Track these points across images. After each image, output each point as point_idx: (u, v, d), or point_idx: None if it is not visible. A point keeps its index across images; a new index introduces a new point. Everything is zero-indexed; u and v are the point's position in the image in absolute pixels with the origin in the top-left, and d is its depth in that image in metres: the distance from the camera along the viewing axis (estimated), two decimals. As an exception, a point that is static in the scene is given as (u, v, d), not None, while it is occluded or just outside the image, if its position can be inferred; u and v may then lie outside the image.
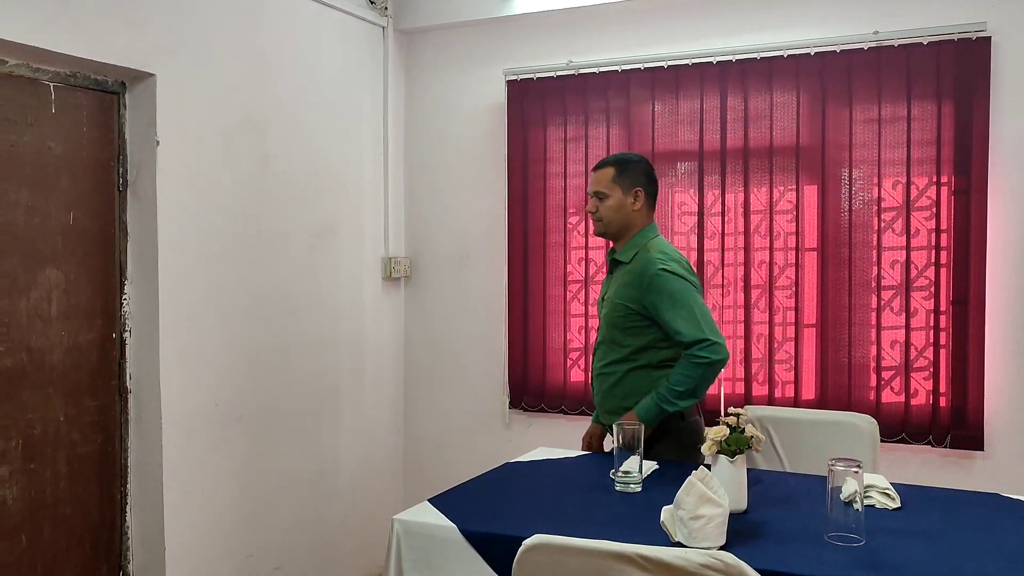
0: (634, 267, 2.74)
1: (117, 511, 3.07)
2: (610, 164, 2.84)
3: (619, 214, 2.80)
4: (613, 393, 2.80)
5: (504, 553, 1.84)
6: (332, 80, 3.92)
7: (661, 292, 2.66)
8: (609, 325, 2.80)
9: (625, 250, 2.82)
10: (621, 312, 2.75)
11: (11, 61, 2.68)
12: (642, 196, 2.82)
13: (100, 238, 3.00)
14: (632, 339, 2.75)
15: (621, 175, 2.81)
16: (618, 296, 2.77)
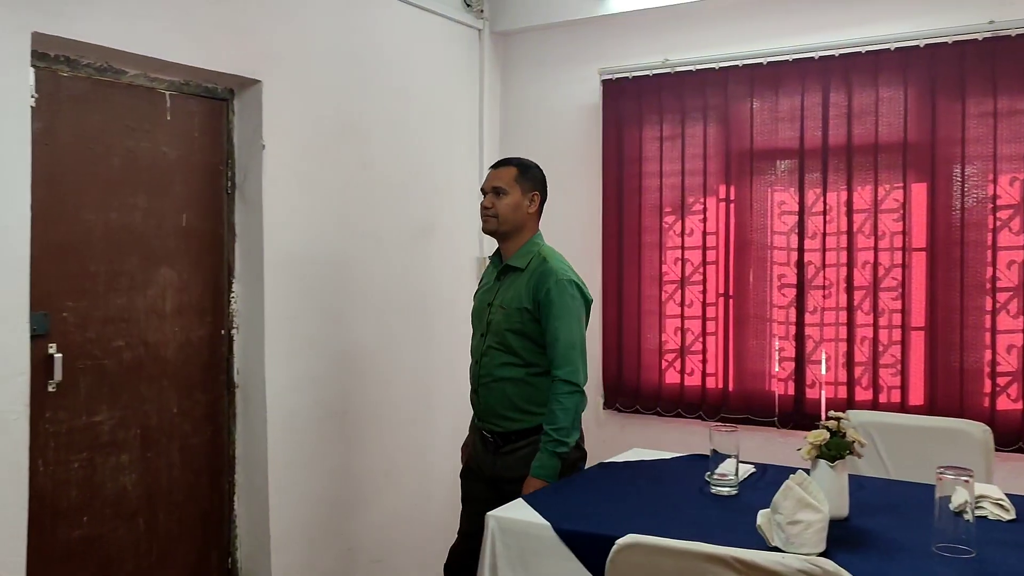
0: (533, 273, 2.71)
1: (225, 500, 3.20)
2: (512, 164, 2.82)
3: (515, 214, 2.77)
4: (510, 400, 2.72)
5: (597, 552, 1.84)
6: (430, 83, 3.99)
7: (555, 302, 2.65)
8: (504, 331, 2.71)
9: (518, 256, 2.77)
10: (518, 318, 2.69)
11: (131, 72, 2.84)
12: (538, 200, 2.83)
13: (210, 239, 3.14)
14: (531, 344, 2.70)
15: (523, 176, 2.80)
16: (515, 302, 2.71)
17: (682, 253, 3.93)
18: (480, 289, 2.92)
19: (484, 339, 2.78)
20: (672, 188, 3.95)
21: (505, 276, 2.79)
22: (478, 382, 2.80)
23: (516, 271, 2.76)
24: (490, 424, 2.77)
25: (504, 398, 2.72)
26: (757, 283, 3.78)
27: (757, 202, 3.77)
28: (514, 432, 2.71)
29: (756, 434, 3.64)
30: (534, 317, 2.68)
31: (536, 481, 2.57)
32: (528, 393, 2.70)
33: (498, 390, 2.73)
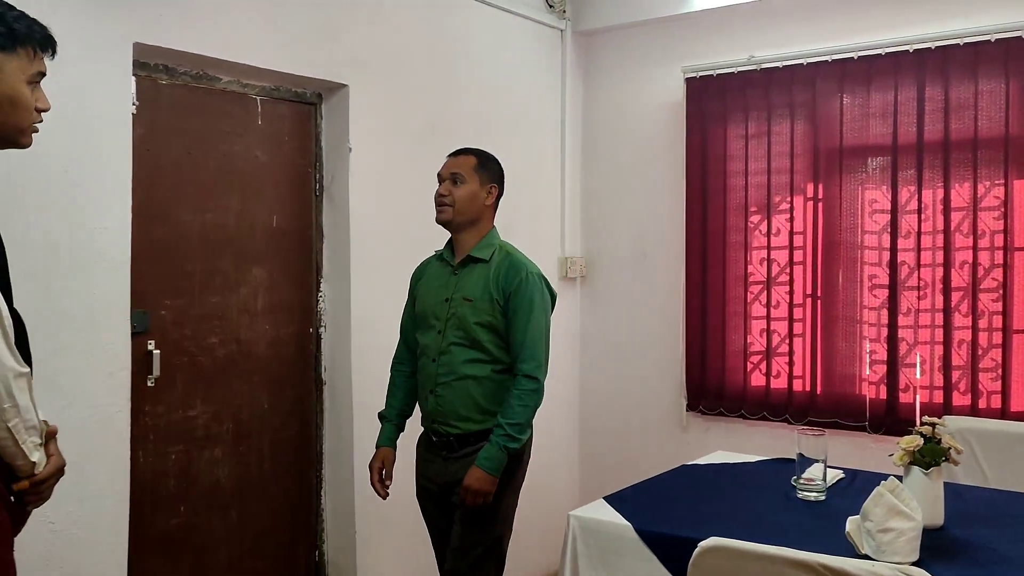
0: (499, 265, 2.60)
1: (313, 494, 3.29)
2: (472, 153, 2.69)
3: (471, 204, 2.63)
4: (473, 399, 2.56)
5: (679, 554, 1.83)
6: (512, 84, 4.01)
7: (525, 296, 2.55)
8: (472, 325, 2.56)
9: (481, 248, 2.64)
10: (488, 309, 2.55)
11: (225, 78, 2.94)
12: (495, 193, 2.70)
13: (299, 239, 3.23)
14: (497, 339, 2.57)
15: (482, 167, 2.66)
16: (483, 293, 2.57)
17: (768, 253, 3.85)
18: (425, 284, 2.74)
19: (442, 335, 2.60)
20: (758, 187, 3.88)
21: (463, 268, 2.64)
22: (435, 382, 2.60)
23: (479, 262, 2.62)
24: (446, 426, 2.60)
25: (467, 398, 2.57)
26: (847, 284, 3.67)
27: (847, 201, 3.67)
28: (473, 434, 2.57)
29: (845, 439, 3.54)
30: (502, 310, 2.56)
31: (478, 471, 2.46)
32: (492, 392, 2.57)
33: (461, 389, 2.57)
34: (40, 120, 1.72)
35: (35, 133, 1.72)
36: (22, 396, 1.58)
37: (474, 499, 2.47)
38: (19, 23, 1.67)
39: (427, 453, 2.69)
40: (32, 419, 1.61)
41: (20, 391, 1.58)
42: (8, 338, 1.58)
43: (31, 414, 1.61)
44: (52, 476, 1.69)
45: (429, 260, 2.81)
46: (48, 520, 2.36)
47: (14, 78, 1.65)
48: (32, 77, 1.68)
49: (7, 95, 1.64)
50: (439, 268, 2.73)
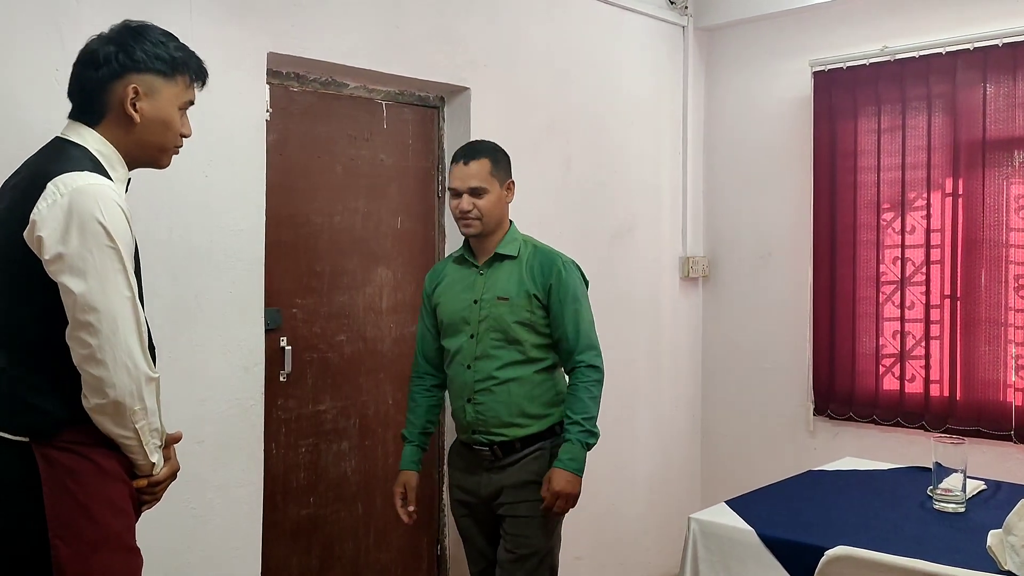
0: (530, 259, 2.52)
1: (436, 489, 3.36)
2: (483, 155, 2.51)
3: (497, 210, 2.52)
4: (518, 404, 2.46)
5: (804, 562, 1.78)
6: (632, 82, 3.98)
7: (568, 287, 2.48)
8: (511, 324, 2.45)
9: (506, 244, 2.54)
10: (527, 306, 2.46)
11: (352, 84, 3.05)
12: (513, 188, 2.60)
13: (422, 240, 3.31)
14: (538, 337, 2.48)
15: (497, 166, 2.52)
16: (520, 289, 2.47)
17: (902, 252, 3.68)
18: (446, 289, 2.60)
19: (476, 339, 2.49)
20: (891, 183, 3.71)
21: (490, 267, 2.54)
22: (473, 390, 2.48)
23: (508, 259, 2.53)
24: (490, 435, 2.48)
25: (511, 402, 2.46)
26: (990, 284, 3.46)
27: (990, 196, 3.46)
28: (520, 439, 2.47)
29: (988, 448, 3.34)
30: (542, 304, 2.48)
31: (566, 474, 2.37)
32: (536, 394, 2.48)
33: (503, 394, 2.46)
34: (181, 144, 1.85)
35: (175, 155, 1.85)
36: (151, 400, 1.67)
37: (565, 504, 2.40)
38: (179, 52, 1.82)
39: (465, 464, 2.57)
40: (156, 422, 1.70)
41: (149, 395, 1.66)
42: (143, 343, 1.65)
43: (156, 417, 1.70)
44: (167, 479, 1.78)
45: (445, 263, 2.69)
46: (191, 506, 2.50)
47: (169, 103, 1.78)
48: (184, 104, 1.82)
49: (161, 118, 1.77)
50: (460, 271, 2.60)
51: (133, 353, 1.62)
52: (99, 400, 1.60)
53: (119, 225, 1.63)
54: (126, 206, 1.67)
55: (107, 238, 1.61)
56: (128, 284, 1.63)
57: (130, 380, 1.61)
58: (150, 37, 1.79)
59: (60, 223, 1.59)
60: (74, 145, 1.72)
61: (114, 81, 1.74)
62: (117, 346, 1.60)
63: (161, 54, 1.78)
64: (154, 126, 1.78)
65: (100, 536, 1.63)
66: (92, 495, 1.62)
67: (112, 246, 1.61)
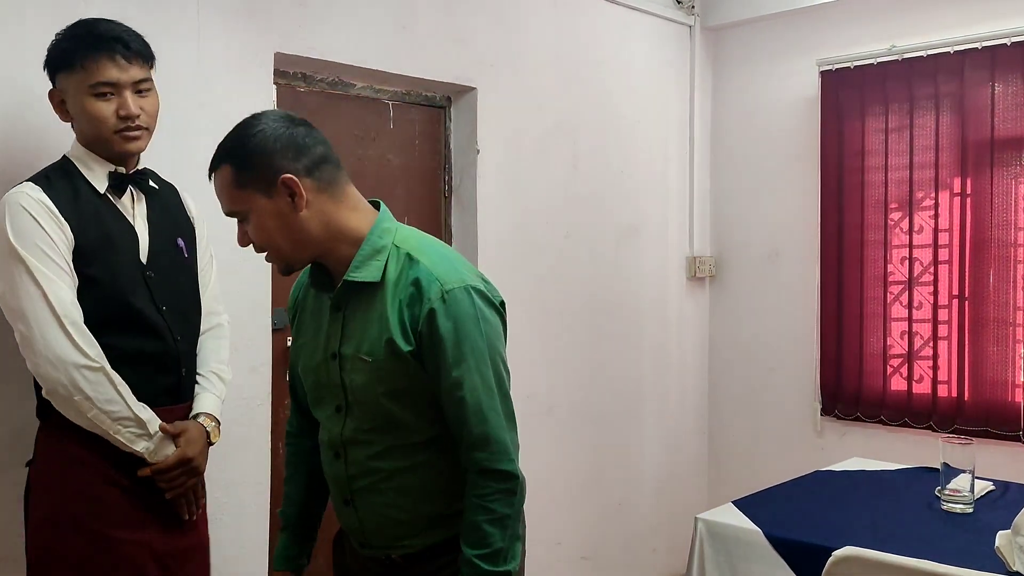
0: (397, 283, 1.55)
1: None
2: (222, 162, 1.56)
3: (288, 230, 1.55)
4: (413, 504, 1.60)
5: (811, 563, 1.77)
6: (639, 81, 3.98)
7: (448, 334, 1.51)
8: (379, 399, 1.55)
9: (360, 261, 1.56)
10: (393, 367, 1.53)
11: (359, 84, 3.05)
12: (294, 186, 1.53)
13: (429, 240, 3.31)
14: (424, 405, 1.57)
15: (242, 173, 1.54)
16: (380, 342, 1.53)
17: (910, 252, 3.67)
18: (304, 326, 1.69)
19: (343, 415, 1.61)
20: (898, 183, 3.70)
21: (347, 299, 1.59)
22: (349, 488, 1.63)
23: (366, 288, 1.57)
24: (384, 548, 1.64)
25: (402, 504, 1.60)
26: (999, 284, 3.45)
27: (998, 196, 3.45)
28: (428, 549, 1.62)
29: (996, 449, 3.33)
30: (416, 356, 1.53)
31: None
32: (439, 484, 1.61)
33: (389, 494, 1.60)
34: (127, 126, 1.83)
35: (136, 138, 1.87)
36: (93, 389, 1.70)
37: None
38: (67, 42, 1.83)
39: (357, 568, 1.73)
40: (118, 410, 1.73)
41: (89, 383, 1.70)
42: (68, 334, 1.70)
43: (117, 406, 1.73)
44: (173, 467, 1.81)
45: (307, 280, 1.72)
46: (197, 505, 2.51)
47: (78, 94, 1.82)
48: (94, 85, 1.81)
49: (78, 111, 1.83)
50: (315, 299, 1.68)
51: (53, 345, 1.68)
52: (44, 389, 1.73)
53: (22, 227, 1.71)
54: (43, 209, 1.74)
55: (8, 244, 1.71)
56: (35, 283, 1.69)
57: (56, 372, 1.68)
58: (51, 44, 1.85)
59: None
60: (62, 157, 1.88)
61: (50, 92, 1.88)
62: (35, 341, 1.69)
63: (52, 55, 1.83)
64: (81, 122, 1.84)
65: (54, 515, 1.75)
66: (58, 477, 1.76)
67: (15, 250, 1.70)
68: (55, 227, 1.75)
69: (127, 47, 1.83)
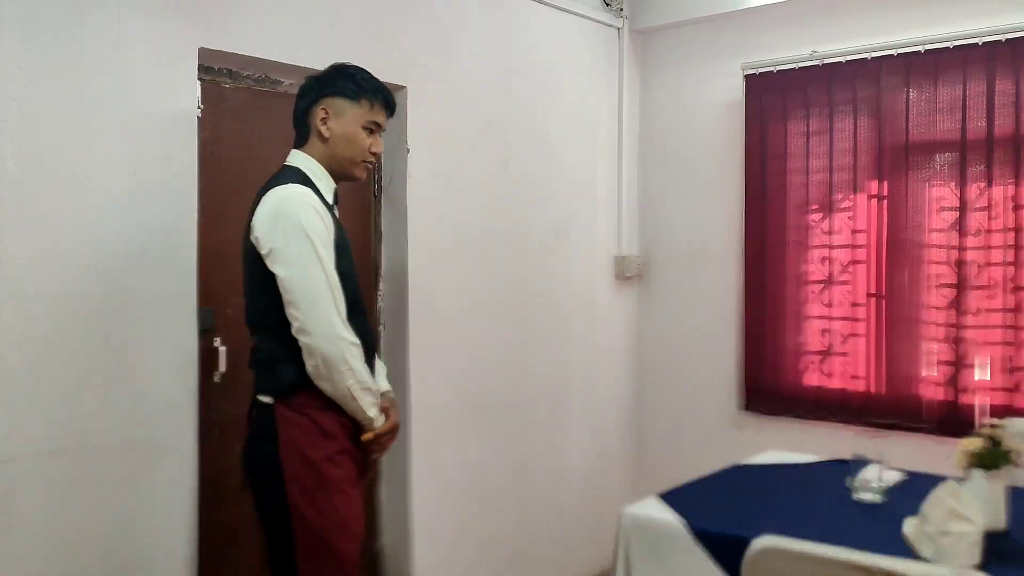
0: None
1: (368, 487, 3.34)
2: None
3: None
4: None
5: (733, 553, 1.83)
6: (569, 83, 4.02)
7: None
8: None
9: None
10: None
11: (287, 81, 3.01)
12: None
13: (359, 240, 3.28)
14: None
15: None
16: None
17: (828, 252, 3.79)
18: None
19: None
20: (819, 185, 3.82)
21: None
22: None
23: None
24: None
25: None
26: (911, 283, 3.60)
27: (912, 199, 3.59)
28: None
29: (905, 440, 3.48)
30: None
31: None
32: None
33: None
34: (371, 160, 2.26)
35: (365, 170, 2.27)
36: (355, 361, 2.04)
37: None
38: (364, 81, 2.23)
39: None
40: (366, 381, 2.07)
41: (353, 356, 2.03)
42: (341, 314, 2.04)
43: (364, 376, 2.07)
44: (389, 432, 2.16)
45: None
46: (122, 509, 2.46)
47: (353, 121, 2.20)
48: (368, 123, 2.22)
49: (346, 134, 2.20)
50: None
51: (331, 322, 2.01)
52: (312, 362, 2.00)
53: (312, 221, 2.05)
54: (320, 207, 2.09)
55: (303, 232, 2.03)
56: (322, 268, 2.03)
57: (332, 347, 2.00)
58: (343, 72, 2.26)
59: (268, 224, 2.05)
60: (289, 168, 2.21)
61: (311, 107, 2.22)
62: (316, 316, 2.00)
63: (347, 83, 2.22)
64: (341, 142, 2.21)
65: (320, 482, 2.04)
66: (314, 449, 2.04)
67: (306, 237, 2.02)
68: (328, 225, 2.10)
69: (393, 102, 2.30)
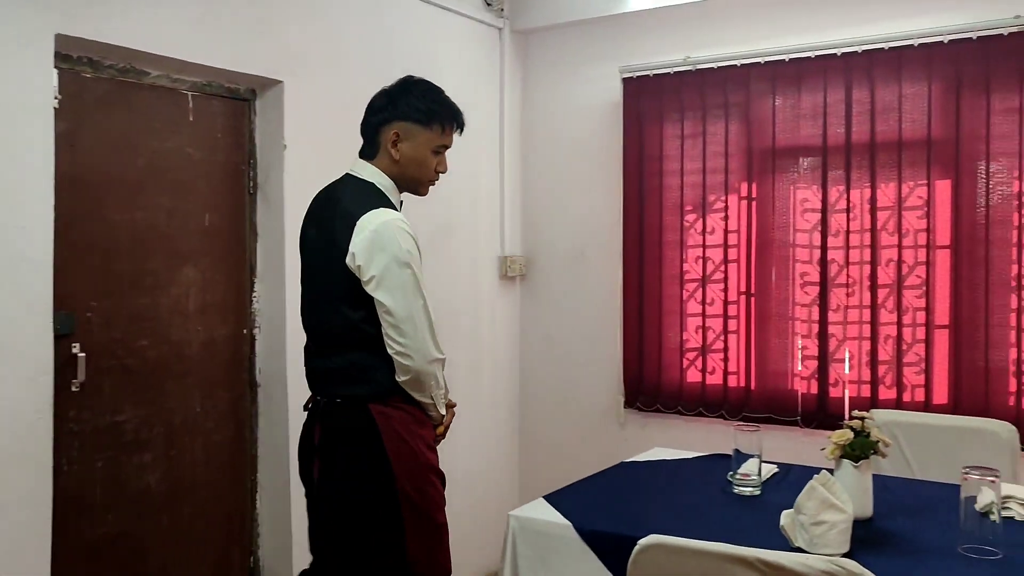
0: None
1: (248, 498, 3.22)
2: None
3: None
4: None
5: (619, 552, 1.84)
6: (451, 82, 3.95)
7: None
8: None
9: None
10: None
11: (153, 72, 2.86)
12: None
13: (233, 238, 3.16)
14: None
15: None
16: None
17: (703, 252, 3.91)
18: None
19: None
20: (693, 186, 3.93)
21: None
22: None
23: None
24: None
25: None
26: (779, 281, 3.75)
27: (779, 200, 3.75)
28: None
29: (779, 433, 3.62)
30: None
31: None
32: None
33: None
34: (436, 179, 2.42)
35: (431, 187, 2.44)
36: (441, 376, 2.29)
37: None
38: (436, 105, 2.37)
39: None
40: (444, 388, 2.33)
41: (440, 373, 2.28)
42: (434, 335, 2.25)
43: (444, 384, 2.32)
44: (448, 424, 2.40)
45: None
46: (-33, 532, 2.26)
47: (424, 146, 2.34)
48: (438, 147, 2.37)
49: (416, 158, 2.34)
50: None
51: (428, 345, 2.22)
52: (405, 377, 2.22)
53: (412, 249, 2.23)
54: (412, 230, 2.26)
55: (403, 260, 2.20)
56: (420, 293, 2.24)
57: (427, 366, 2.22)
58: (415, 91, 2.38)
59: (370, 253, 2.19)
60: (363, 182, 2.34)
61: (383, 126, 2.35)
62: (417, 341, 2.20)
63: (419, 106, 2.34)
64: (411, 164, 2.35)
65: (420, 463, 2.24)
66: (412, 435, 2.24)
67: (407, 265, 2.21)
68: (418, 246, 2.29)
69: (464, 122, 2.45)
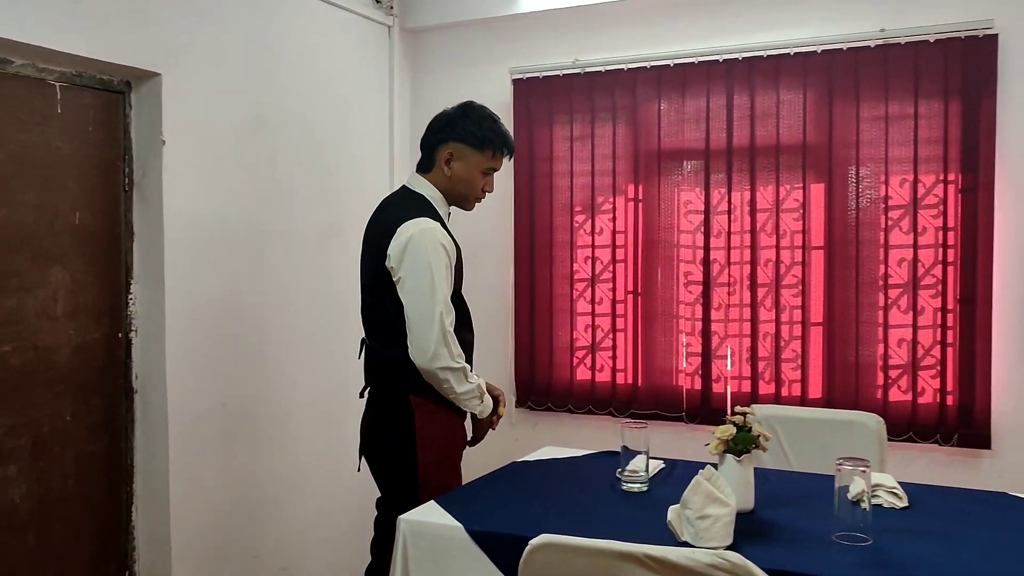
0: None
1: (123, 510, 3.08)
2: None
3: None
4: None
5: (510, 553, 1.84)
6: (339, 79, 3.92)
7: None
8: None
9: None
10: None
11: (17, 61, 2.69)
12: None
13: (106, 238, 3.01)
14: None
15: None
16: None
17: (592, 252, 3.97)
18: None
19: None
20: (582, 188, 3.99)
21: None
22: None
23: None
24: None
25: None
26: (665, 281, 3.85)
27: (664, 201, 3.84)
28: None
29: (665, 429, 3.71)
30: None
31: None
32: None
33: None
34: (483, 197, 2.74)
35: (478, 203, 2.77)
36: (453, 381, 2.48)
37: None
38: (490, 132, 2.65)
39: None
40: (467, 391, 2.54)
41: (454, 378, 2.48)
42: (446, 340, 2.45)
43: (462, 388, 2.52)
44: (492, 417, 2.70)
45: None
46: None
47: (475, 167, 2.64)
48: (487, 170, 2.67)
49: (466, 178, 2.66)
50: None
51: (431, 348, 2.43)
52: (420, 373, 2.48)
53: (438, 258, 2.47)
54: (446, 240, 2.52)
55: (426, 266, 2.43)
56: (437, 300, 2.44)
57: (429, 365, 2.44)
58: (472, 116, 2.65)
59: (400, 257, 2.47)
60: (414, 194, 2.66)
61: (440, 144, 2.65)
62: (422, 341, 2.43)
63: (475, 131, 2.61)
64: (460, 182, 2.66)
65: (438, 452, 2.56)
66: (435, 425, 2.54)
67: (428, 271, 2.43)
68: (451, 253, 2.54)
69: (513, 147, 2.74)
